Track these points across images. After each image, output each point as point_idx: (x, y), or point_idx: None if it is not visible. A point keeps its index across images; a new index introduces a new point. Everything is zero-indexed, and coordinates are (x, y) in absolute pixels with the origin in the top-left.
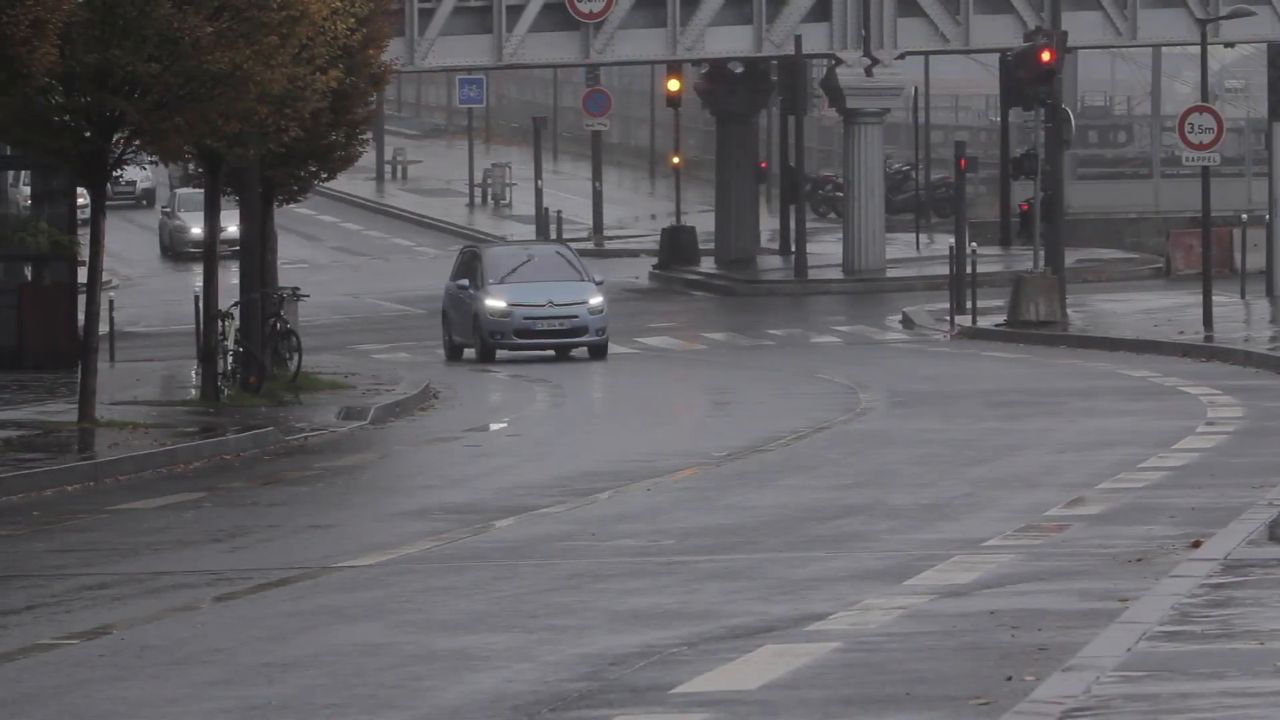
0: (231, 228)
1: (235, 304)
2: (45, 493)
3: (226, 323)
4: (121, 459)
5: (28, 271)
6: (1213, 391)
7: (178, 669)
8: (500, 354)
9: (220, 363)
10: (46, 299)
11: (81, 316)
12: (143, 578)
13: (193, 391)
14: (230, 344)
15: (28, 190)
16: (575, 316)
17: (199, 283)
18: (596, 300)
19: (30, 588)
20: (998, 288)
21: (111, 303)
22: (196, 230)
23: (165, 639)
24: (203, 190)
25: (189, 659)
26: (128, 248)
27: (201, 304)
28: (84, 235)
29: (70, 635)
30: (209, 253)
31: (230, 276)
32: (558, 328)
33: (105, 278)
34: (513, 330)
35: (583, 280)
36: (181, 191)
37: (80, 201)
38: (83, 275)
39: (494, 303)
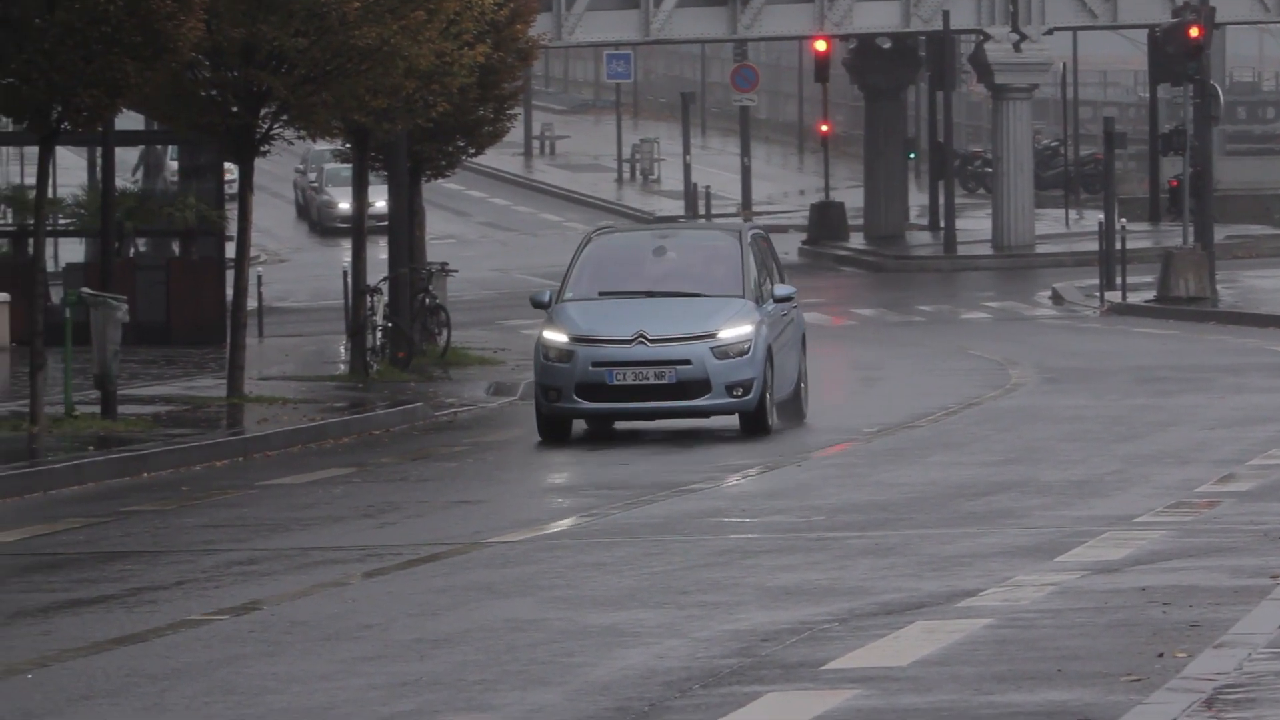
0: (380, 203)
1: (384, 279)
2: (194, 468)
3: (375, 298)
4: (270, 434)
5: (176, 247)
6: None
7: (328, 645)
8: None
9: (369, 338)
10: (194, 274)
11: (229, 291)
12: (292, 553)
13: (341, 367)
14: (379, 319)
15: (175, 165)
16: (685, 363)
17: (347, 258)
18: (737, 332)
19: (180, 563)
20: (1147, 264)
21: (259, 278)
22: (344, 205)
23: (315, 614)
24: (350, 165)
25: (339, 634)
26: (276, 223)
27: (350, 279)
28: (232, 210)
29: (220, 611)
30: (357, 228)
31: (379, 252)
32: (650, 381)
33: (253, 253)
34: (573, 385)
35: (731, 295)
36: (329, 167)
37: (228, 177)
38: (230, 250)
39: (552, 335)
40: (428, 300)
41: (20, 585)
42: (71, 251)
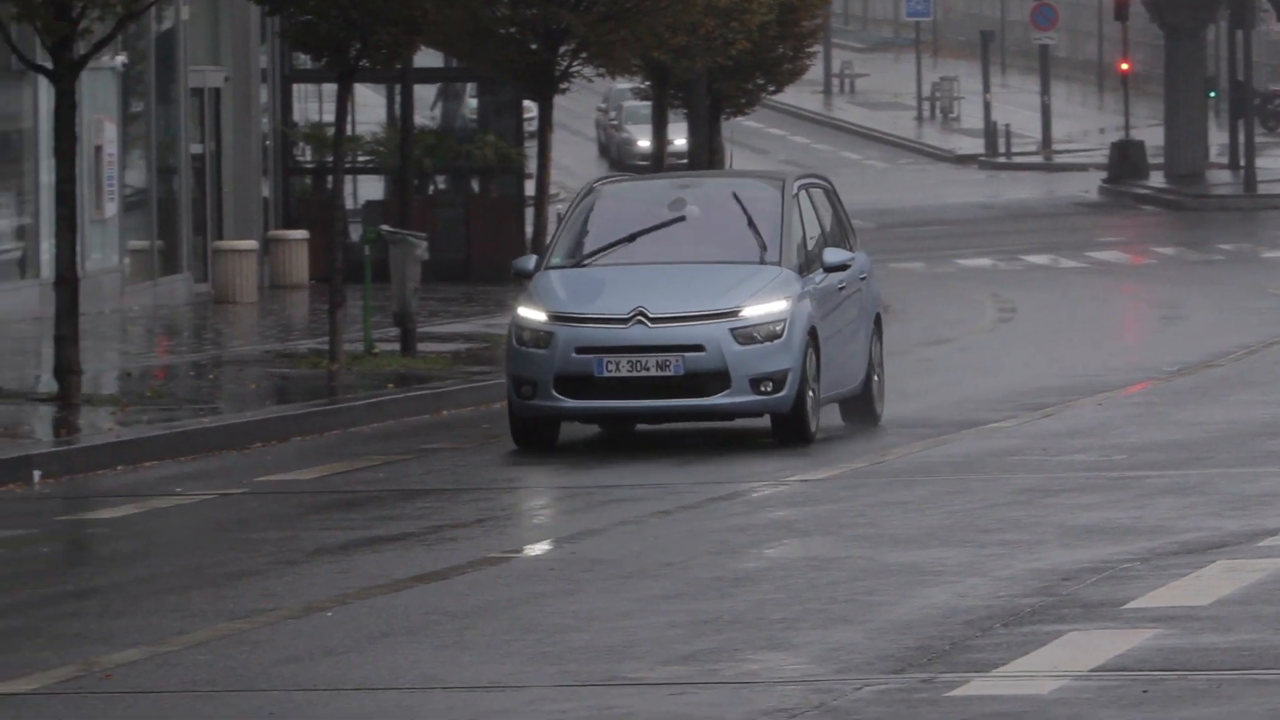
0: (679, 140)
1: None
2: (493, 405)
3: None
4: None
5: (475, 184)
6: None
7: (628, 582)
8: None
9: None
10: (494, 212)
11: (529, 229)
12: (592, 490)
13: None
14: None
15: (475, 103)
16: (696, 349)
17: None
18: (767, 309)
19: (480, 500)
20: None
21: (558, 215)
22: (644, 143)
23: (615, 552)
24: (649, 103)
25: (639, 572)
26: (577, 161)
27: None
28: (531, 148)
29: (519, 548)
30: (657, 166)
31: None
32: (650, 373)
33: (553, 190)
34: (552, 375)
35: (764, 262)
36: (628, 104)
37: (527, 114)
38: (530, 188)
39: (527, 311)
40: None
41: (320, 523)
42: (370, 189)
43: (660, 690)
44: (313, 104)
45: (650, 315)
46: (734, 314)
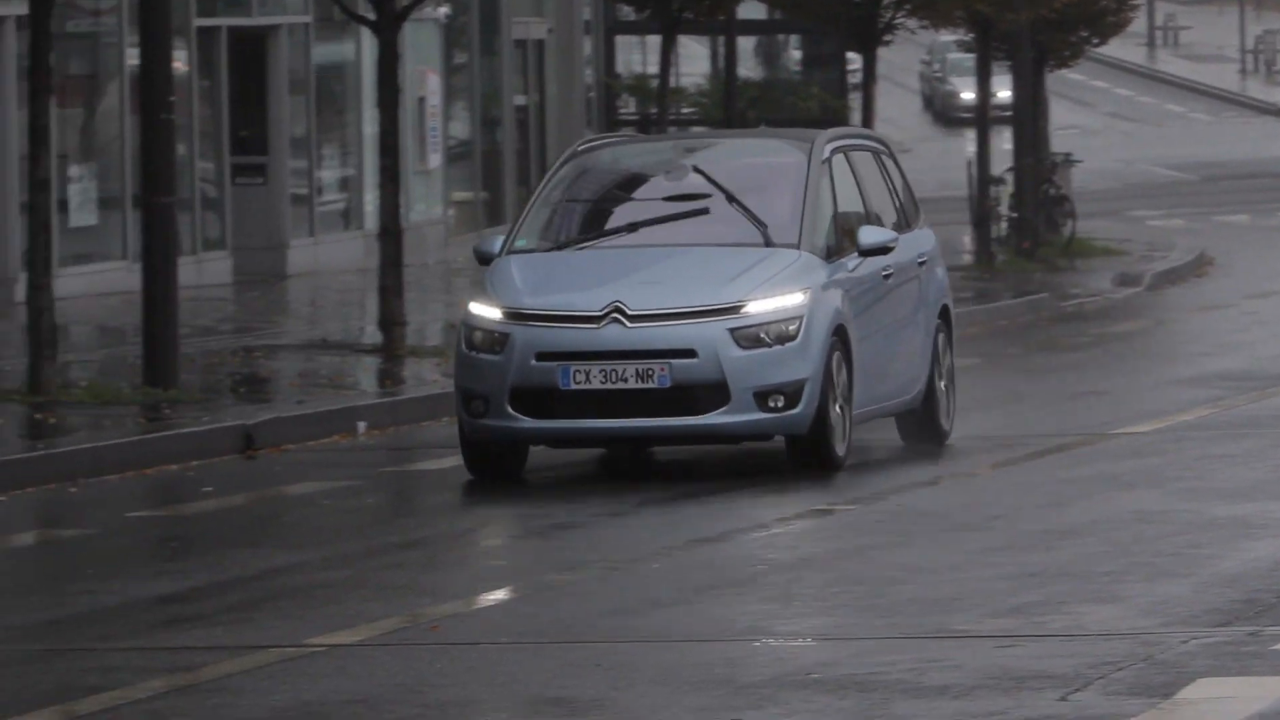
0: (1003, 93)
1: (1008, 170)
2: None
3: (1000, 188)
4: None
5: None
6: None
7: (955, 535)
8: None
9: (993, 228)
10: None
11: None
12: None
13: (966, 257)
14: (1004, 210)
15: (798, 55)
16: (687, 355)
17: (970, 148)
18: (777, 304)
19: None
20: None
21: None
22: (967, 95)
23: (942, 505)
24: (973, 55)
25: (967, 525)
26: (901, 113)
27: (974, 169)
28: (856, 100)
29: (848, 501)
30: (980, 118)
31: (1002, 142)
32: (629, 385)
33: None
34: (507, 387)
35: (779, 243)
36: (952, 56)
37: (851, 66)
38: None
39: (480, 307)
40: (1052, 190)
41: (646, 475)
42: None
43: (987, 643)
44: (635, 55)
45: (629, 312)
46: (736, 310)
